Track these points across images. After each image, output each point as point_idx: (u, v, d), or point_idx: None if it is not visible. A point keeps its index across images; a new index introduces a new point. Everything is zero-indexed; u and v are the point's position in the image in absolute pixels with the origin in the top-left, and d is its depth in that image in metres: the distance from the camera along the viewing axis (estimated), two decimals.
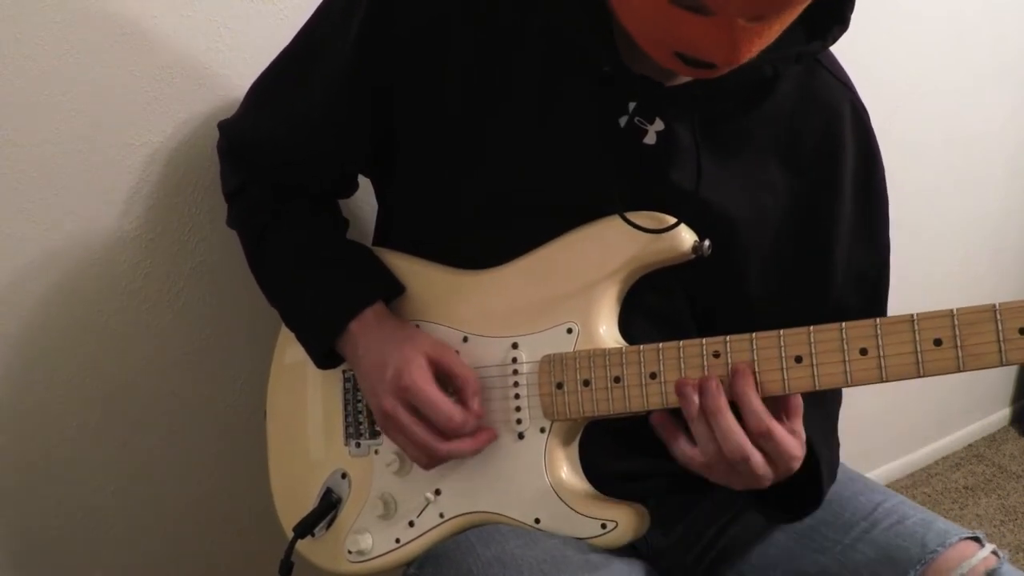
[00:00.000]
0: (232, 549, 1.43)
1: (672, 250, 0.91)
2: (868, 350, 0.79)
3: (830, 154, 1.00)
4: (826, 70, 1.00)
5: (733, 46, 0.77)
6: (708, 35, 0.77)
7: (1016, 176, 2.50)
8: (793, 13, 0.77)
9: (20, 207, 1.11)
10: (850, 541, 1.00)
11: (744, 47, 0.78)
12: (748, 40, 0.77)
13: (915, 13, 2.03)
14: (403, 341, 0.97)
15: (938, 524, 1.00)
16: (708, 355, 0.85)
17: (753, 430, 0.83)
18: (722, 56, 0.79)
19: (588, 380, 0.91)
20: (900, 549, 0.97)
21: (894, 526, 1.00)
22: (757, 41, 0.78)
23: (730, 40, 0.77)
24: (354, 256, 1.07)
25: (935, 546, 0.96)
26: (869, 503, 1.04)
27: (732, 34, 0.76)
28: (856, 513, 1.03)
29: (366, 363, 0.98)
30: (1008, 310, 0.74)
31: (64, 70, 1.09)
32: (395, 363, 0.94)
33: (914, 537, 0.98)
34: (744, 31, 0.76)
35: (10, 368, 1.16)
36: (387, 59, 0.95)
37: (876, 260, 1.06)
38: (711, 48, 0.78)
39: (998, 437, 2.84)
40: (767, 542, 1.05)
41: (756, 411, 0.83)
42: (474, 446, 0.94)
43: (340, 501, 1.05)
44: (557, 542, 0.89)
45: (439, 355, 0.95)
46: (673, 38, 0.80)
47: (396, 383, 0.93)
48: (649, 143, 0.94)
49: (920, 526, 1.00)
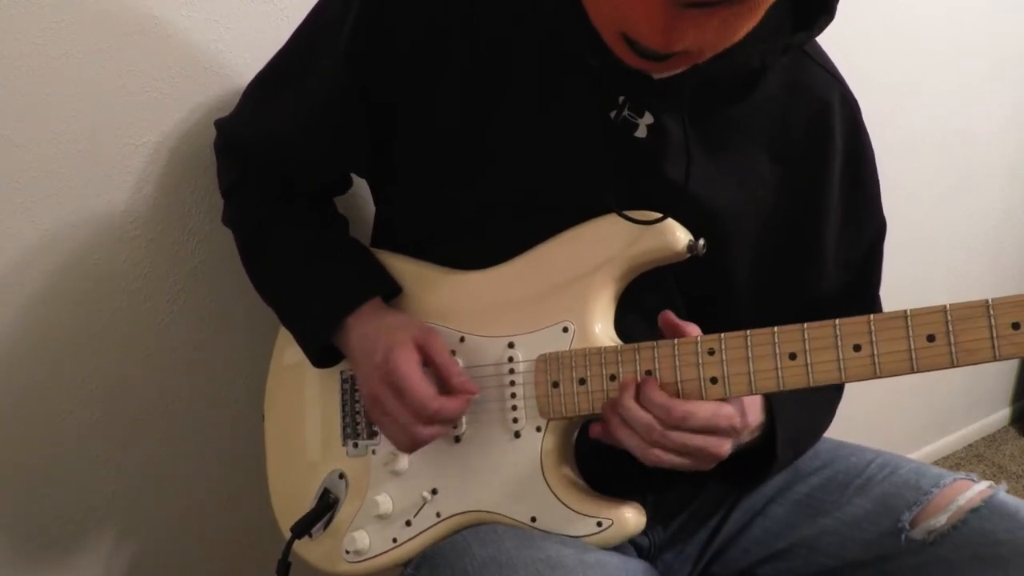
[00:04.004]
0: (230, 549, 1.43)
1: (667, 249, 0.92)
2: (862, 346, 0.80)
3: (819, 145, 1.00)
4: (815, 62, 1.01)
5: (666, 30, 0.77)
6: (644, 15, 0.76)
7: (1016, 176, 2.50)
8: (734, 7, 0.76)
9: (20, 207, 1.12)
10: (847, 499, 1.03)
11: (678, 34, 0.77)
12: (683, 27, 0.76)
13: (914, 13, 2.04)
14: (394, 328, 0.97)
15: (931, 470, 1.03)
16: (703, 352, 0.86)
17: (665, 420, 0.85)
18: (656, 40, 0.78)
19: (584, 379, 0.91)
20: (896, 496, 1.00)
21: (888, 477, 1.03)
22: (694, 31, 0.77)
23: (664, 24, 0.76)
24: (352, 254, 1.07)
25: (930, 487, 0.99)
26: (861, 462, 1.07)
27: (666, 17, 0.75)
28: (849, 473, 1.06)
29: (359, 352, 0.99)
30: (1001, 305, 0.75)
31: (64, 70, 1.10)
32: (383, 347, 0.94)
33: (908, 483, 1.01)
34: (679, 16, 0.75)
35: (10, 368, 1.16)
36: (379, 68, 0.96)
37: (864, 245, 1.07)
38: (646, 31, 0.78)
39: (998, 437, 2.84)
40: (767, 516, 1.08)
41: (659, 404, 0.85)
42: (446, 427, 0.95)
43: (337, 501, 1.06)
44: (554, 541, 0.89)
45: (425, 341, 0.95)
46: (618, 15, 0.80)
47: (383, 367, 0.93)
48: (640, 137, 0.94)
49: (913, 473, 1.03)
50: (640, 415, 0.86)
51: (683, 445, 0.85)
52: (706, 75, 0.88)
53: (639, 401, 0.86)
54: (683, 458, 0.86)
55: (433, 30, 0.94)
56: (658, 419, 0.85)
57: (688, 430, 0.85)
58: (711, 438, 0.86)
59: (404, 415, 0.92)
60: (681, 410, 0.84)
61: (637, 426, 0.86)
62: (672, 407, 0.85)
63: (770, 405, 0.94)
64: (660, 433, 0.85)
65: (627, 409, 0.86)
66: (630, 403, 0.86)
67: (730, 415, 0.86)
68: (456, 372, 0.95)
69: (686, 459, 0.86)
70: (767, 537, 1.07)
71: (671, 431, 0.85)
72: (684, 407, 0.85)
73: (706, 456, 0.86)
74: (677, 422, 0.84)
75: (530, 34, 0.93)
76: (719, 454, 0.87)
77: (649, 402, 0.86)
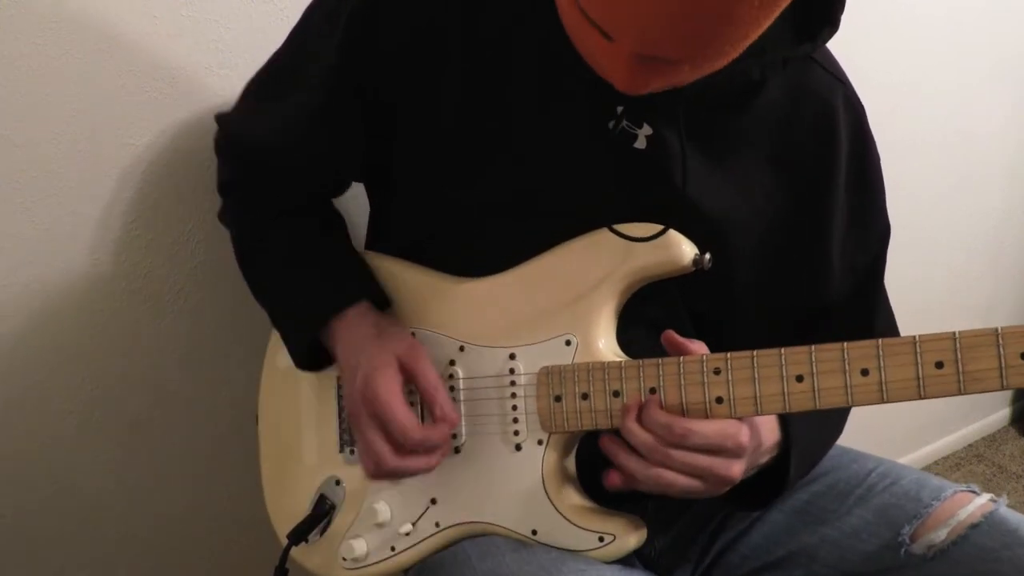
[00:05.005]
0: (227, 554, 1.43)
1: (671, 263, 0.91)
2: (870, 371, 0.79)
3: (823, 148, 0.99)
4: (819, 65, 1.00)
5: (630, 78, 0.76)
6: (609, 59, 0.76)
7: (1016, 176, 2.50)
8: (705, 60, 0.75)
9: (20, 207, 1.11)
10: (847, 508, 1.03)
11: (642, 81, 0.77)
12: (647, 76, 0.76)
13: (914, 13, 2.03)
14: (377, 342, 0.96)
15: (932, 481, 1.02)
16: (708, 372, 0.85)
17: (667, 439, 0.84)
18: (620, 83, 0.78)
19: (587, 393, 0.91)
20: (896, 508, 1.00)
21: (889, 487, 1.03)
22: (659, 79, 0.77)
23: (627, 72, 0.76)
24: (342, 258, 1.07)
25: (930, 500, 0.98)
26: (862, 470, 1.06)
27: (629, 66, 0.75)
28: (850, 482, 1.05)
29: (343, 363, 0.98)
30: (1010, 335, 0.74)
31: (64, 70, 1.09)
32: (364, 368, 0.93)
33: (909, 495, 1.01)
34: (642, 67, 0.75)
35: (10, 368, 1.16)
36: (374, 67, 0.95)
37: (870, 251, 1.06)
38: (612, 72, 0.77)
39: (998, 437, 2.84)
40: (766, 523, 1.08)
41: (660, 423, 0.84)
42: (427, 464, 0.93)
43: (334, 508, 1.05)
44: (553, 556, 0.89)
45: (409, 360, 0.94)
46: (587, 52, 0.80)
47: (363, 391, 0.92)
48: (639, 148, 0.93)
49: (914, 484, 1.02)
50: (643, 436, 0.85)
51: (687, 464, 0.84)
52: (704, 88, 0.87)
53: (641, 422, 0.86)
54: (691, 480, 0.85)
55: (432, 29, 0.93)
56: (660, 438, 0.85)
57: (691, 448, 0.84)
58: (717, 459, 0.85)
59: (381, 447, 0.92)
60: (682, 427, 0.84)
61: (640, 448, 0.85)
62: (673, 424, 0.84)
63: (785, 423, 0.93)
64: (663, 452, 0.84)
65: (630, 432, 0.86)
66: (632, 425, 0.86)
67: (736, 434, 0.84)
68: (440, 400, 0.93)
69: (695, 481, 0.85)
70: (766, 543, 1.06)
71: (673, 449, 0.84)
72: (685, 424, 0.84)
73: (715, 478, 0.85)
74: (678, 440, 0.84)
75: (530, 35, 0.92)
76: (728, 476, 0.85)
77: (651, 422, 0.85)
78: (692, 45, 0.72)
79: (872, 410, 1.09)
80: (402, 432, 0.90)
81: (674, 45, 0.72)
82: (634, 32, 0.71)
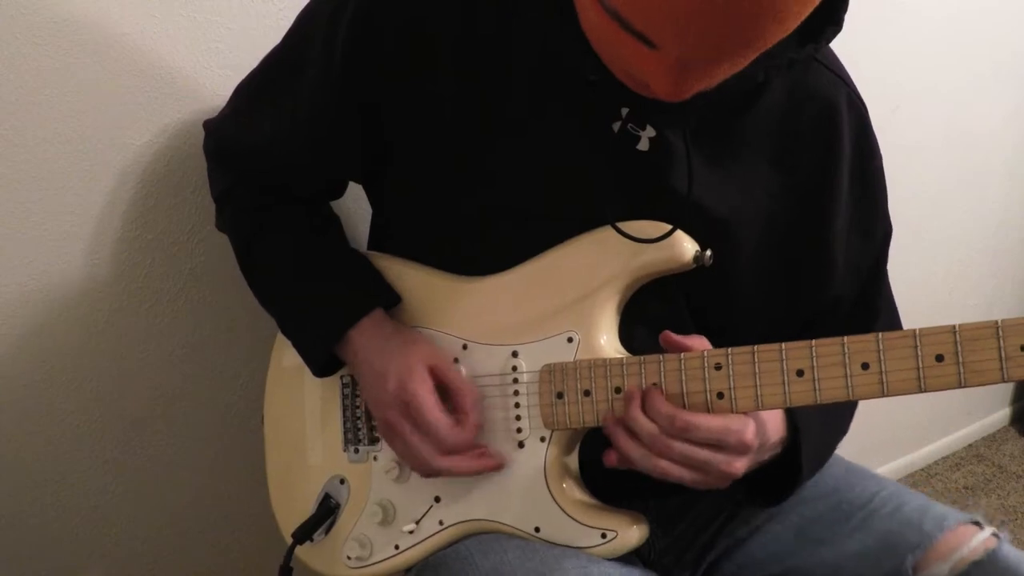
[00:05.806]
0: (230, 553, 1.43)
1: (673, 260, 0.91)
2: (870, 365, 0.79)
3: (826, 149, 0.99)
4: (821, 65, 0.99)
5: (676, 83, 0.75)
6: (652, 67, 0.74)
7: (1016, 176, 2.50)
8: (743, 58, 0.75)
9: (20, 206, 1.11)
10: (848, 531, 1.02)
11: (686, 87, 0.76)
12: (689, 81, 0.75)
13: (915, 13, 2.03)
14: (403, 349, 0.96)
15: (935, 509, 1.01)
16: (710, 367, 0.85)
17: (668, 430, 0.84)
18: (665, 91, 0.76)
19: (589, 390, 0.91)
20: (898, 536, 0.99)
21: (892, 514, 1.02)
22: (705, 80, 0.76)
23: (674, 77, 0.74)
24: (350, 265, 1.06)
25: (933, 531, 0.97)
26: (866, 492, 1.05)
27: (676, 72, 0.74)
28: (853, 503, 1.04)
29: (368, 372, 0.98)
30: (1010, 327, 0.74)
31: (64, 70, 1.09)
32: (396, 373, 0.94)
33: (911, 523, 0.99)
34: (684, 72, 0.74)
35: (10, 368, 1.16)
36: (370, 72, 0.94)
37: (872, 251, 1.06)
38: (655, 81, 0.76)
39: (998, 437, 2.84)
40: (766, 536, 1.07)
41: (663, 413, 0.85)
42: (471, 467, 0.94)
43: (339, 507, 1.05)
44: (556, 553, 0.89)
45: (438, 366, 0.96)
46: (623, 61, 0.79)
47: (399, 395, 0.93)
48: (642, 149, 0.93)
49: (917, 512, 1.01)
50: (645, 425, 0.85)
51: (687, 457, 0.84)
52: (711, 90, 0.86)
53: (644, 411, 0.86)
54: (692, 472, 0.85)
55: (429, 33, 0.92)
56: (662, 428, 0.85)
57: (692, 441, 0.84)
58: (718, 454, 0.85)
59: (426, 448, 0.93)
60: (684, 420, 0.84)
61: (642, 436, 0.86)
62: (676, 416, 0.84)
63: (793, 419, 0.93)
64: (664, 443, 0.84)
65: (633, 420, 0.86)
66: (636, 413, 0.86)
67: (739, 431, 0.84)
68: (472, 400, 0.95)
69: (695, 473, 0.85)
70: (764, 557, 1.06)
71: (674, 441, 0.84)
72: (688, 417, 0.84)
73: (715, 472, 0.85)
74: (680, 432, 0.84)
75: (530, 37, 0.92)
76: (729, 471, 0.85)
77: (654, 412, 0.85)
78: (737, 43, 0.71)
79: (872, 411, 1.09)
80: (443, 436, 0.92)
81: (720, 46, 0.71)
82: (687, 38, 0.69)
